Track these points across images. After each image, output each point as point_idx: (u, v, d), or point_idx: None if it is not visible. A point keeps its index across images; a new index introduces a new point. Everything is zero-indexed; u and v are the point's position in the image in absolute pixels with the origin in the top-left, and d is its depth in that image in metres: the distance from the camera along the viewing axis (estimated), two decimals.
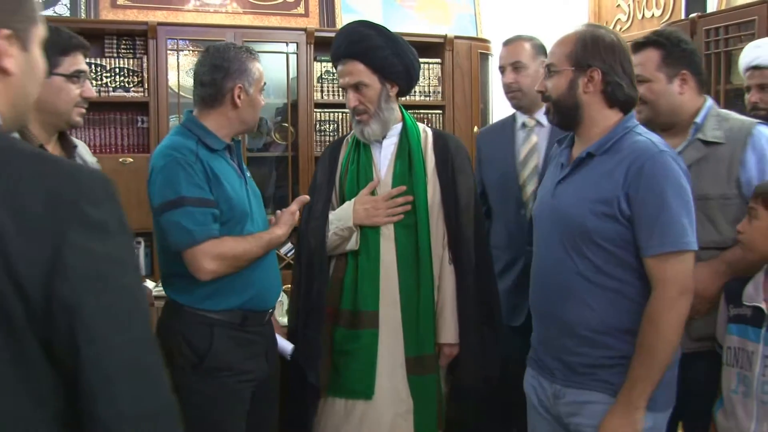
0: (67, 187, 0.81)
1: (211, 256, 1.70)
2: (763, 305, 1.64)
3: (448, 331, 2.00)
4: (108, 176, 0.86)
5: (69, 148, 1.70)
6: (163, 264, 1.83)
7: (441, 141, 2.07)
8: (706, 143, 1.83)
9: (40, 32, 0.92)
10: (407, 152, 2.02)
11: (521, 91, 2.29)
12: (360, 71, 1.95)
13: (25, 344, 0.78)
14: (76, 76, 1.62)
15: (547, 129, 2.28)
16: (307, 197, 1.98)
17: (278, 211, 1.92)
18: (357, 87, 1.96)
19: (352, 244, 1.99)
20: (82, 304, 0.78)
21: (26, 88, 0.91)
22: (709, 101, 1.91)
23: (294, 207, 1.90)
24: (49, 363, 0.79)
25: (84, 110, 1.67)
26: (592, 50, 1.54)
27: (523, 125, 2.35)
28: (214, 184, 1.75)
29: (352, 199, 2.01)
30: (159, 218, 1.71)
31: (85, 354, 0.79)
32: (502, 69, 2.36)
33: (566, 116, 1.60)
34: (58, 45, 1.58)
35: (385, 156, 2.05)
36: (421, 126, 2.11)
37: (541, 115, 2.32)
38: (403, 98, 2.22)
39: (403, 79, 2.01)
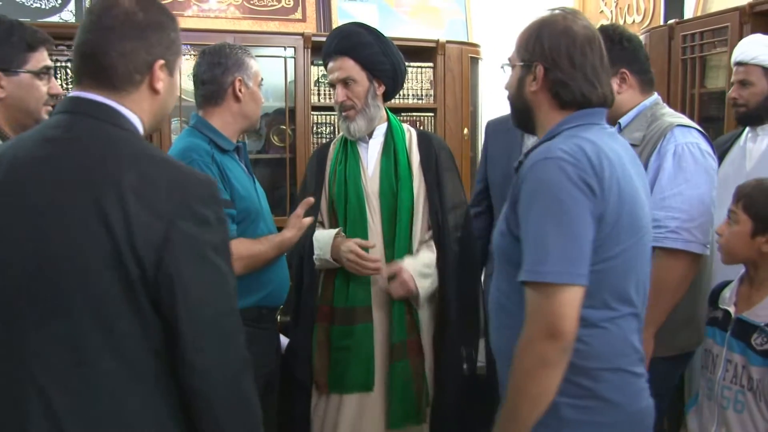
0: (181, 186, 1.06)
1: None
2: (731, 309, 1.65)
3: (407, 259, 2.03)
4: (215, 181, 1.13)
5: None
6: None
7: (425, 140, 2.15)
8: None
9: (181, 61, 1.20)
10: (392, 150, 2.09)
11: None
12: (350, 67, 2.02)
13: (139, 298, 1.04)
14: (44, 73, 1.57)
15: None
16: (312, 200, 2.00)
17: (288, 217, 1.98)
18: (346, 82, 2.03)
19: (336, 264, 2.04)
20: (181, 274, 1.03)
21: (166, 103, 1.19)
22: (649, 100, 1.83)
23: (300, 210, 1.95)
24: (155, 313, 1.05)
25: (51, 108, 1.58)
26: (535, 42, 1.32)
27: None
28: (228, 184, 1.82)
29: (334, 231, 2.05)
30: None
31: (180, 312, 1.04)
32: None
33: (521, 119, 1.42)
34: (24, 41, 1.53)
35: (371, 155, 2.11)
36: (405, 126, 2.18)
37: None
38: (397, 101, 2.31)
39: (390, 78, 2.08)
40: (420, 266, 2.05)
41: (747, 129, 2.32)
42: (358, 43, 2.04)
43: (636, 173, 1.35)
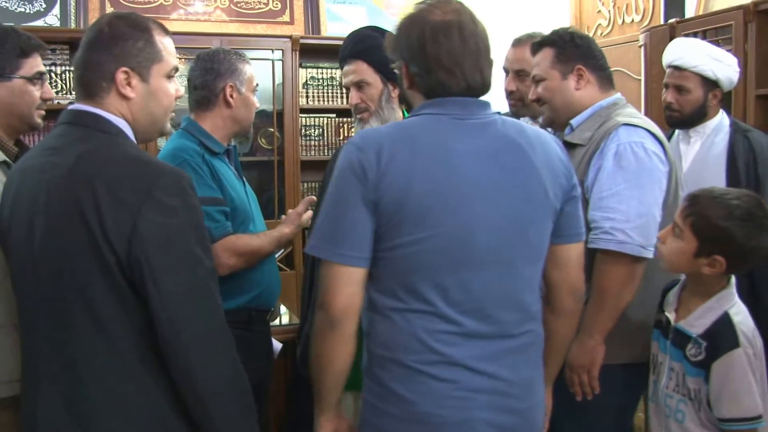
0: (146, 180, 1.16)
1: (229, 252, 1.76)
2: (671, 315, 1.57)
3: None
4: (184, 173, 1.22)
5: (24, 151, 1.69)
6: None
7: None
8: (571, 145, 1.72)
9: (165, 67, 1.29)
10: None
11: (522, 101, 2.13)
12: (363, 70, 1.99)
13: (117, 278, 1.15)
14: (37, 78, 1.59)
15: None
16: (314, 198, 2.02)
17: (289, 211, 2.01)
18: (359, 85, 2.00)
19: None
20: (149, 259, 1.13)
21: (147, 108, 1.28)
22: (606, 100, 1.78)
23: (301, 208, 1.96)
24: (132, 291, 1.16)
25: (44, 112, 1.63)
26: (397, 42, 1.34)
27: None
28: (219, 184, 1.81)
29: None
30: None
31: (151, 294, 1.14)
32: (505, 70, 2.22)
33: None
34: (17, 47, 1.57)
35: None
36: None
37: None
38: None
39: None
40: None
41: (678, 130, 2.37)
42: (372, 47, 2.00)
43: (495, 169, 1.25)
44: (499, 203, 1.24)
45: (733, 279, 1.55)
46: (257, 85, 1.98)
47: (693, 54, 2.23)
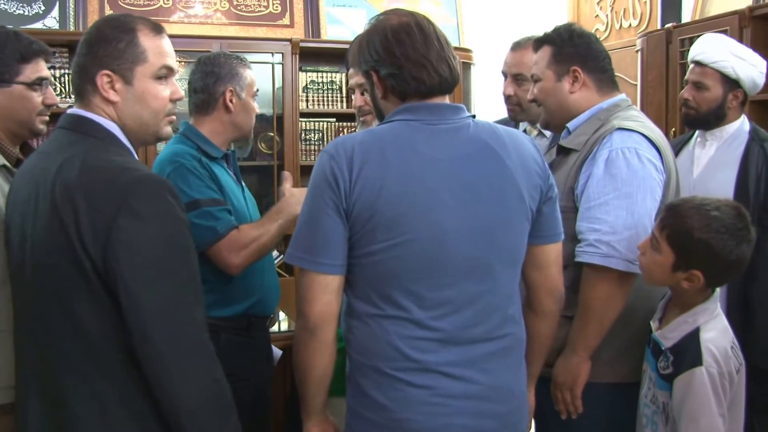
0: (122, 187, 1.14)
1: (235, 250, 1.73)
2: (654, 325, 1.52)
3: None
4: (165, 182, 1.21)
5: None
6: None
7: None
8: (565, 150, 1.66)
9: (150, 68, 1.25)
10: None
11: (520, 106, 2.10)
12: None
13: (95, 286, 1.14)
14: (38, 84, 1.57)
15: (548, 141, 2.09)
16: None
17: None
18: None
19: None
20: (121, 268, 1.12)
21: (133, 111, 1.26)
22: (607, 102, 1.69)
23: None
24: (110, 298, 1.14)
25: (47, 118, 1.61)
26: (360, 53, 1.33)
27: (524, 132, 2.19)
28: (218, 187, 1.80)
29: None
30: None
31: (123, 302, 1.13)
32: (504, 74, 2.17)
33: None
34: (18, 52, 1.55)
35: None
36: None
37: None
38: None
39: None
40: None
41: (697, 133, 2.25)
42: None
43: (467, 174, 1.25)
44: (471, 207, 1.24)
45: (717, 293, 1.49)
46: (257, 90, 1.96)
47: (714, 50, 2.12)
